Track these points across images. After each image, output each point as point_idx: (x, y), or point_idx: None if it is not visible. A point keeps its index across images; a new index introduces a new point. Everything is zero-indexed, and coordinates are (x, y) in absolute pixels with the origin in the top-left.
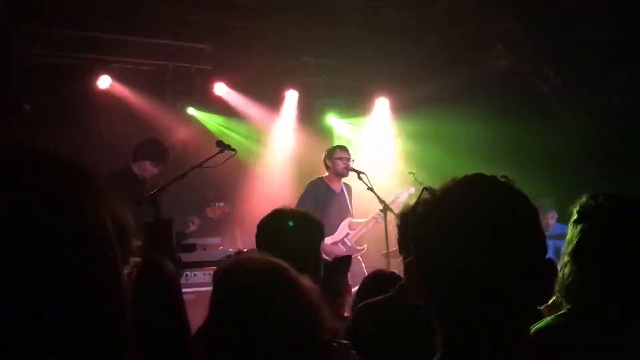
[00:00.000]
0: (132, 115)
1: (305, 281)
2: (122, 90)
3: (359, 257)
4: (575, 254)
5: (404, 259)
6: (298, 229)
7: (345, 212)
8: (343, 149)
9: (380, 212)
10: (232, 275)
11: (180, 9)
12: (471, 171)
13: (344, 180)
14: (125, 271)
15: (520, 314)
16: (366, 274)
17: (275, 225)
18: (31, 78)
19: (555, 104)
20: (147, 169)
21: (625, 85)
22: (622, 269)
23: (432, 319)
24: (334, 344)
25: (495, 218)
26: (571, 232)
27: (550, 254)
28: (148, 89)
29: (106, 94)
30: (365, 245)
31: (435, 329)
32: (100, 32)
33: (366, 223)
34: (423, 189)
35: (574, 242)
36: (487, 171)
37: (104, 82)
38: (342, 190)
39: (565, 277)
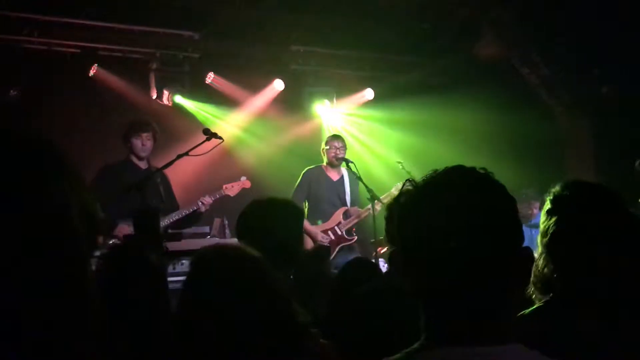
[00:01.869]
0: (120, 103)
1: (276, 272)
2: (109, 78)
3: (354, 245)
4: (550, 245)
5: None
6: (277, 217)
7: (341, 201)
8: (334, 138)
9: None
10: (203, 264)
11: None
12: (459, 160)
13: (347, 170)
14: (93, 259)
15: (501, 299)
16: None
17: (254, 215)
18: (17, 65)
19: (544, 93)
20: (136, 145)
21: (615, 73)
22: (597, 259)
23: (418, 304)
24: (306, 334)
25: (474, 208)
26: (546, 222)
27: (530, 242)
28: (136, 76)
29: (93, 81)
30: (355, 237)
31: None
32: (88, 19)
33: (359, 214)
34: (406, 181)
35: (549, 234)
36: (474, 160)
37: (93, 70)
38: (341, 178)
39: (541, 268)
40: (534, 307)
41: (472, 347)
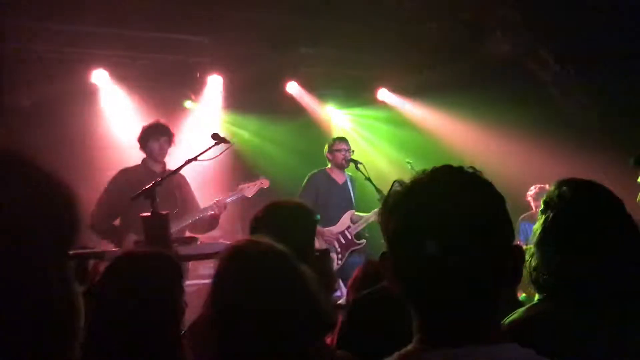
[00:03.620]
0: (130, 109)
1: (306, 270)
2: (120, 84)
3: (363, 249)
4: (539, 243)
5: None
6: (291, 220)
7: (347, 204)
8: (342, 140)
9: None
10: (234, 258)
11: (178, 1)
12: (471, 160)
13: (348, 172)
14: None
15: (490, 297)
16: None
17: (267, 218)
18: (28, 74)
19: (555, 90)
20: (154, 148)
21: (627, 70)
22: (582, 254)
23: (408, 306)
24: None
25: (459, 207)
26: (538, 221)
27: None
28: (145, 82)
29: (104, 88)
30: (364, 240)
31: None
32: (97, 26)
33: (367, 217)
34: (394, 182)
35: (536, 233)
36: (484, 159)
37: (102, 76)
38: (345, 182)
39: (532, 266)
40: (530, 305)
41: (473, 347)
